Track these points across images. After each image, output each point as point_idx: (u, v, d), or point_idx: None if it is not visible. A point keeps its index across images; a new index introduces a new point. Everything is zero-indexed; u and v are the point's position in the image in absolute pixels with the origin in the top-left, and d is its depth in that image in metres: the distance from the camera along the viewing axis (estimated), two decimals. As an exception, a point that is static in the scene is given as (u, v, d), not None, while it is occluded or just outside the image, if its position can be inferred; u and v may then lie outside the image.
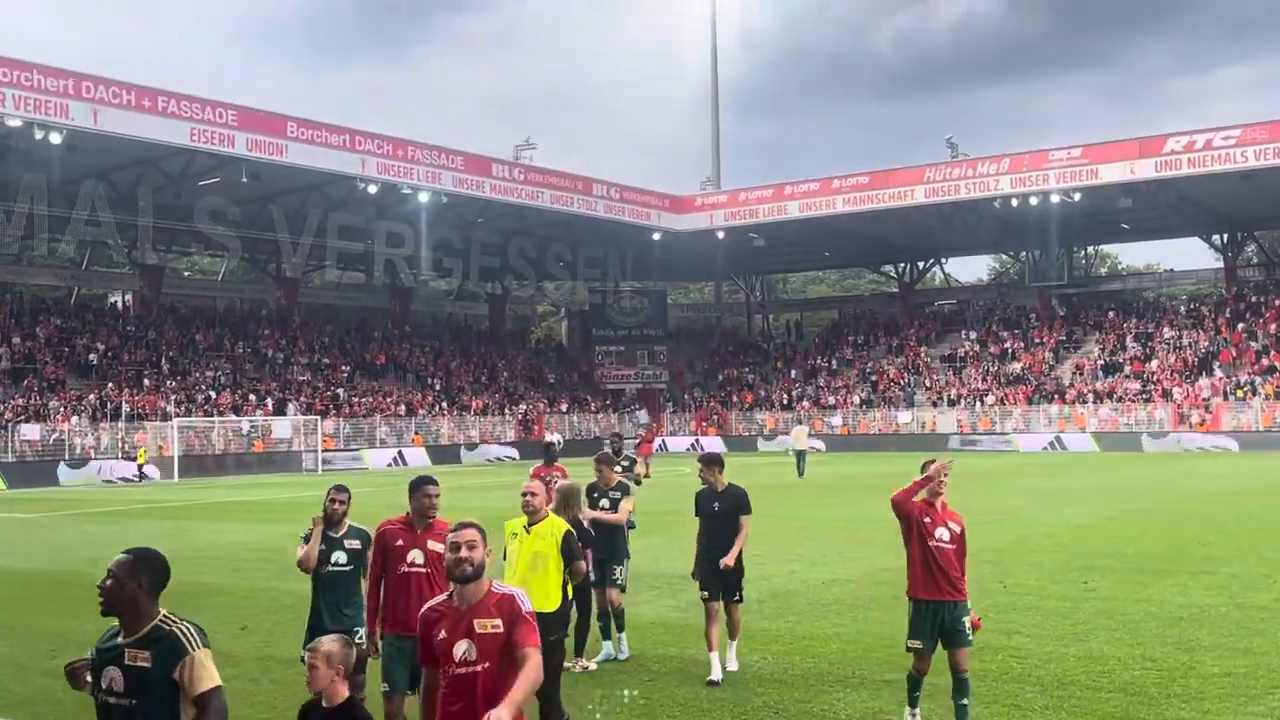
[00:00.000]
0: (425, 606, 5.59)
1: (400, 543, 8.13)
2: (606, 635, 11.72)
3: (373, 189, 55.39)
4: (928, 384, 70.20)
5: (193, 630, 4.86)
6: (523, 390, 73.96)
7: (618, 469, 13.77)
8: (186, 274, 76.97)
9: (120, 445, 50.30)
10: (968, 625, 8.57)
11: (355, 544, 8.81)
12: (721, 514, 10.63)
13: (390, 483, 43.05)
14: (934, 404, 67.94)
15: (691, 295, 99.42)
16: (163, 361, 59.20)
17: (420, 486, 8.21)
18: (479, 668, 5.28)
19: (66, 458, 48.15)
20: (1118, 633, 12.20)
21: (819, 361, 77.75)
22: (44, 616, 14.58)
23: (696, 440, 71.80)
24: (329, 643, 5.79)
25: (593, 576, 12.99)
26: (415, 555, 8.05)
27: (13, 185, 49.47)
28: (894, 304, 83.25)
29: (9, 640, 13.21)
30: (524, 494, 8.71)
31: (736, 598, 10.80)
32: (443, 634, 5.35)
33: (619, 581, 11.80)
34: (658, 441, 70.25)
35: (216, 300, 74.13)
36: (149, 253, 63.08)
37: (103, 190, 51.37)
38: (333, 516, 8.84)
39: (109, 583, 4.84)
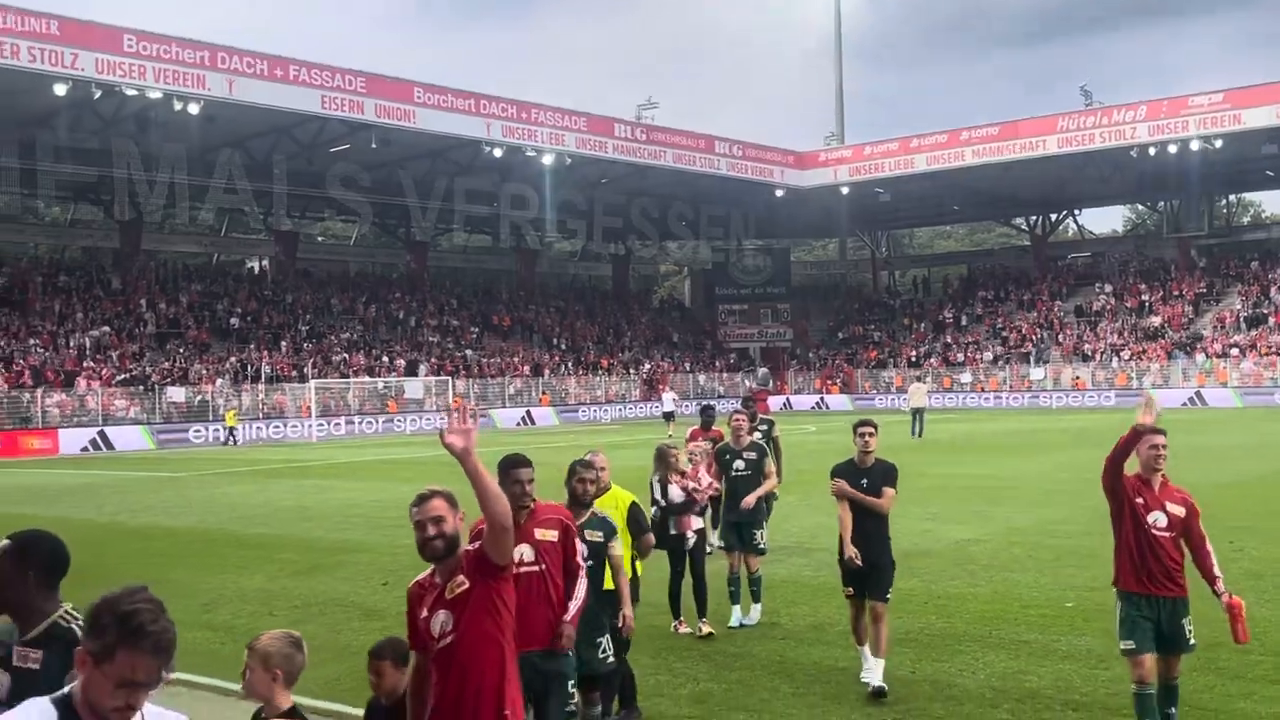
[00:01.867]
0: (413, 581, 5.12)
1: None
2: (736, 600, 11.36)
3: (498, 152, 55.91)
4: (1061, 339, 68.57)
5: None
6: (646, 350, 74.26)
7: (757, 433, 13.72)
8: (320, 239, 78.83)
9: (260, 407, 51.91)
10: (1188, 629, 7.21)
11: (598, 536, 7.43)
12: (867, 492, 9.10)
13: (518, 443, 43.69)
14: (1067, 360, 66.37)
15: (815, 252, 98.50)
16: (299, 325, 60.85)
17: (509, 471, 6.30)
18: (454, 636, 4.87)
19: (211, 419, 49.85)
20: (1267, 594, 11.84)
21: (947, 317, 76.44)
22: (196, 572, 15.15)
23: (821, 398, 71.32)
24: (268, 640, 5.00)
25: (716, 542, 13.00)
26: (522, 553, 6.18)
27: (154, 156, 51.12)
28: (1025, 257, 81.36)
29: (162, 594, 13.68)
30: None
31: (887, 594, 9.03)
32: (425, 611, 4.97)
33: (760, 545, 11.63)
34: (780, 400, 70.01)
35: (349, 264, 75.85)
36: (283, 219, 64.83)
37: (239, 159, 52.82)
38: (583, 499, 7.51)
39: None
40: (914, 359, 71.72)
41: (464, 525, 4.99)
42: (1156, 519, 7.11)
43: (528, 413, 60.59)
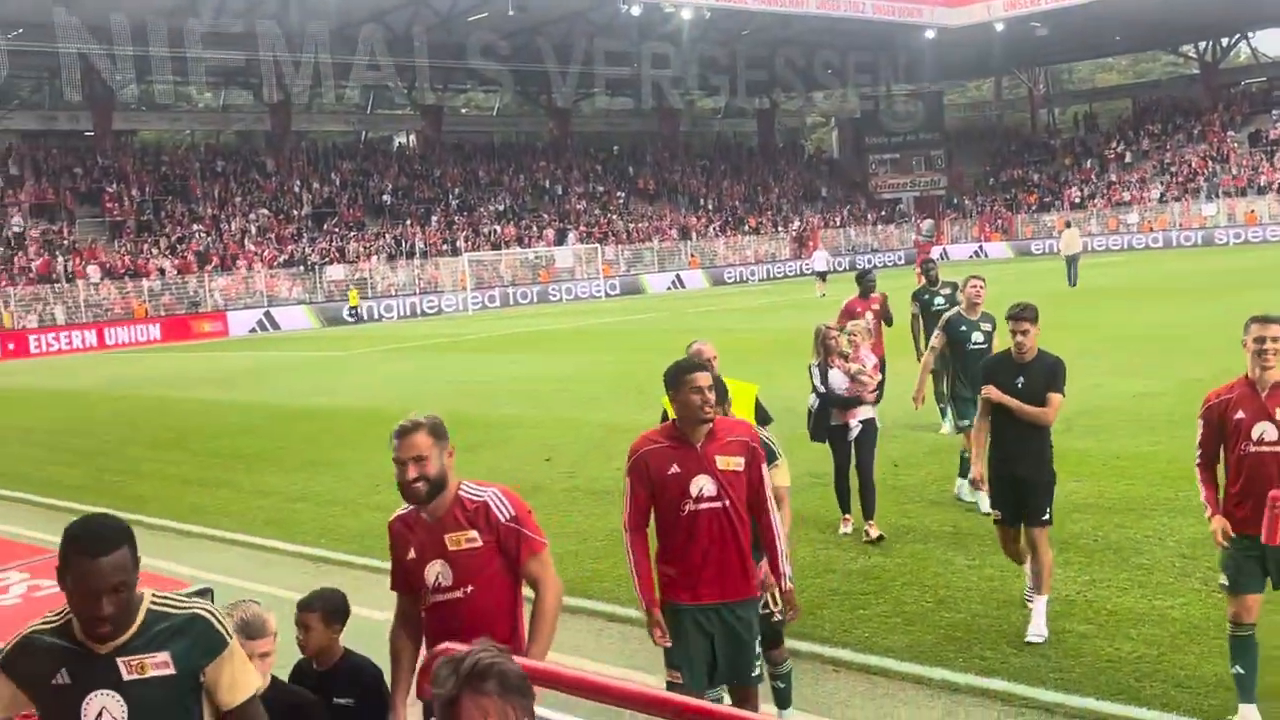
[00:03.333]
0: (394, 516, 4.61)
1: (674, 469, 5.13)
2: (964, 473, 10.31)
3: (636, 10, 54.79)
4: (1234, 171, 64.95)
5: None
6: (795, 206, 73.00)
7: (940, 297, 13.18)
8: (464, 111, 78.98)
9: (415, 282, 52.80)
10: None
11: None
12: (1026, 394, 7.28)
13: (668, 306, 43.62)
14: (1241, 193, 62.92)
15: (969, 94, 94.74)
16: (449, 198, 61.42)
17: (682, 377, 5.12)
18: (459, 593, 4.36)
19: (370, 295, 50.95)
20: None
21: (1112, 155, 73.02)
22: (362, 452, 15.44)
23: (980, 247, 69.32)
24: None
25: (948, 428, 12.28)
26: (702, 486, 5.11)
27: (298, 36, 51.55)
28: (1194, 87, 76.81)
29: (334, 476, 14.10)
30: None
31: (1045, 517, 7.38)
32: (412, 554, 4.46)
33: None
34: (938, 250, 68.30)
35: (494, 135, 75.96)
36: (427, 93, 65.07)
37: (380, 33, 52.95)
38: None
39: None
40: (1077, 200, 68.91)
41: (452, 458, 4.41)
42: (1264, 431, 5.78)
43: (678, 277, 60.37)
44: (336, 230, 55.25)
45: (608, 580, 9.04)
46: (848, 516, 9.94)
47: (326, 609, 4.86)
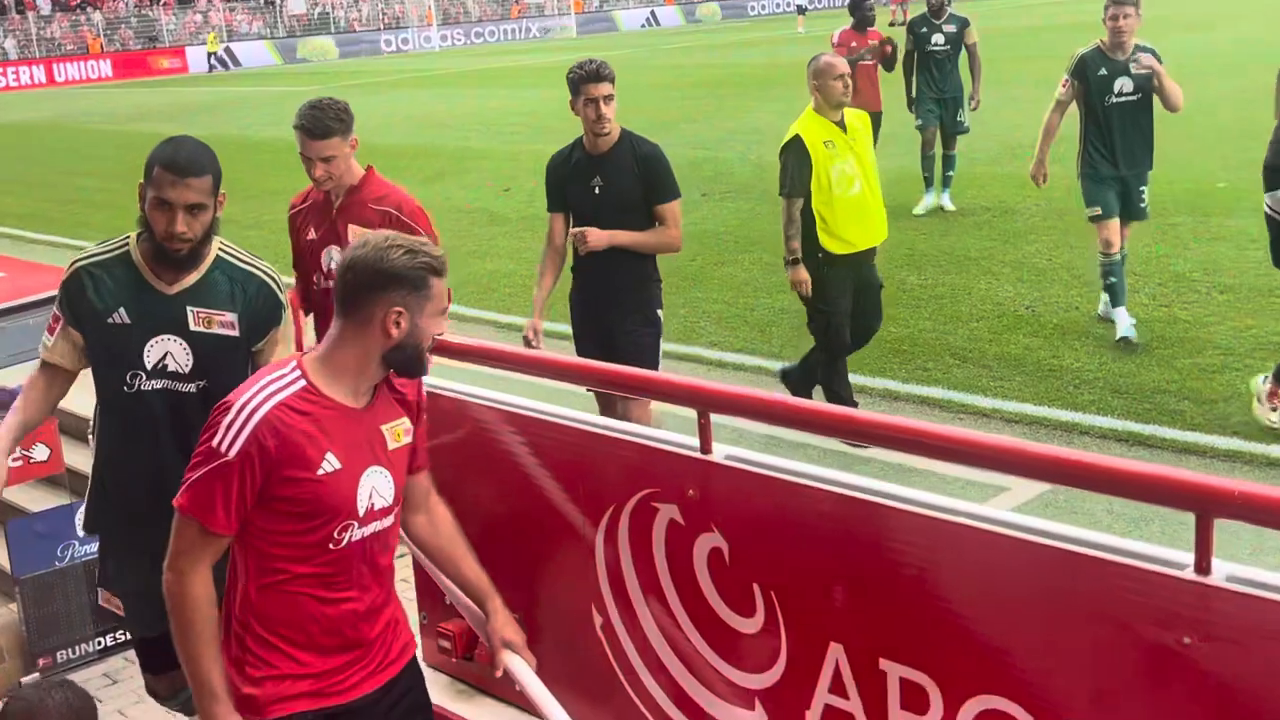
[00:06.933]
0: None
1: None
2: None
3: None
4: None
5: None
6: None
7: (941, 34, 11.03)
8: None
9: (380, 17, 51.04)
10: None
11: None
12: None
13: (642, 43, 42.41)
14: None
15: None
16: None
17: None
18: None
19: (333, 30, 49.32)
20: None
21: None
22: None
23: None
24: None
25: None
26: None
27: None
28: None
29: (285, 203, 13.84)
30: (833, 75, 5.85)
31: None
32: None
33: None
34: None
35: None
36: None
37: None
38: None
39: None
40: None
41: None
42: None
43: (652, 13, 58.49)
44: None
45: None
46: None
47: None
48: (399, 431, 2.54)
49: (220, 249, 3.20)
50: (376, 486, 2.46)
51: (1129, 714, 1.95)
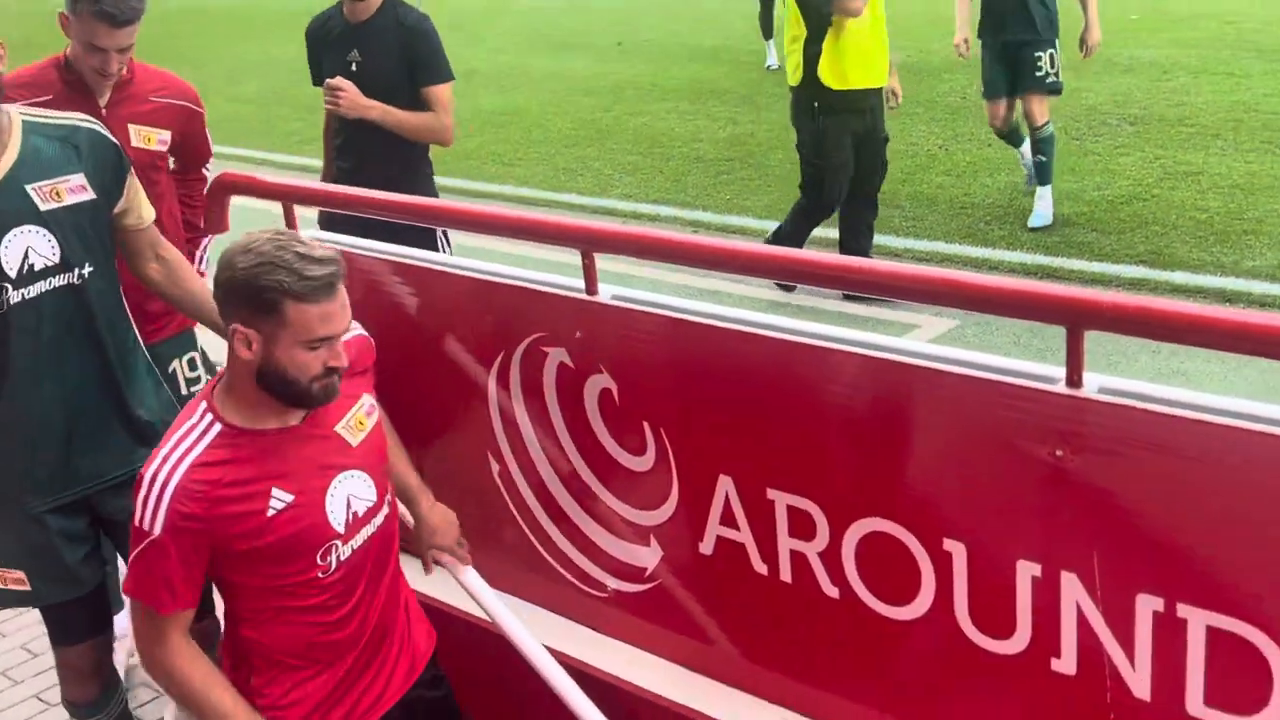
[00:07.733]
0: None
1: None
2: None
3: None
4: None
5: None
6: None
7: None
8: None
9: None
10: None
11: None
12: None
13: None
14: None
15: None
16: None
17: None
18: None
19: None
20: None
21: None
22: (222, 43, 14.68)
23: None
24: None
25: None
26: None
27: None
28: None
29: (183, 67, 13.40)
30: None
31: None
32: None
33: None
34: None
35: None
36: None
37: None
38: None
39: None
40: None
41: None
42: None
43: None
44: None
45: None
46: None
47: None
48: (359, 420, 2.22)
49: (22, 114, 2.63)
50: (353, 493, 2.17)
51: (1006, 529, 1.98)
